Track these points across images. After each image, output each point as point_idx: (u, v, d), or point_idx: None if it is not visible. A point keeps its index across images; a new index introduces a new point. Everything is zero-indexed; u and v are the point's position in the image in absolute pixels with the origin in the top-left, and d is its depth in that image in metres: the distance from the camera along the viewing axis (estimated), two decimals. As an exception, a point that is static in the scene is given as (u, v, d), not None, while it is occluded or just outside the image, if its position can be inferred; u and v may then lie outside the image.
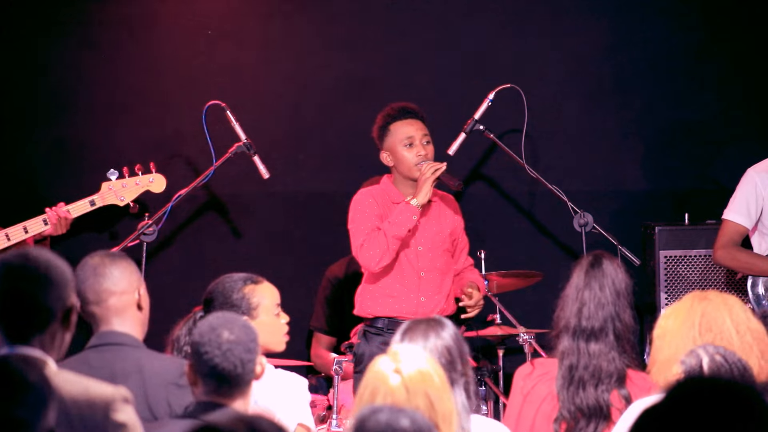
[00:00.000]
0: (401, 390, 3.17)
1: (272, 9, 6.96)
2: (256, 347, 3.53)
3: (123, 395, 3.02)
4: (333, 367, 5.83)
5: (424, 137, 5.73)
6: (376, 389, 3.18)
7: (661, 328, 3.80)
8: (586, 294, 4.28)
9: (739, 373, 3.35)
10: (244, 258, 6.91)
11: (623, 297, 4.30)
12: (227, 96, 6.50)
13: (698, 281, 6.57)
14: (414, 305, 5.69)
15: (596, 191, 6.98)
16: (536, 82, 6.82)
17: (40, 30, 6.82)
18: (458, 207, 5.95)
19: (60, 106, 6.85)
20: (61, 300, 3.08)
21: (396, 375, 3.19)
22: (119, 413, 3.00)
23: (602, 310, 4.26)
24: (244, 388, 3.52)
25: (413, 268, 5.71)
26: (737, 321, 3.73)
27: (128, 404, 3.02)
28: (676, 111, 7.07)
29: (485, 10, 7.02)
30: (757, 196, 6.02)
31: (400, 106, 5.80)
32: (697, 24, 7.07)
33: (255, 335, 3.55)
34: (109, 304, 4.01)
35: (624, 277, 4.33)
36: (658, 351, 3.78)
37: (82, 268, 4.07)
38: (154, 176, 6.26)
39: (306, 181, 6.95)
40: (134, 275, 4.09)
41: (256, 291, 4.46)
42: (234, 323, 3.55)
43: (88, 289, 4.02)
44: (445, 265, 5.77)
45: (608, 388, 4.22)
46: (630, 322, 4.30)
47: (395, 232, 5.59)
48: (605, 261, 4.34)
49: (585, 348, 4.24)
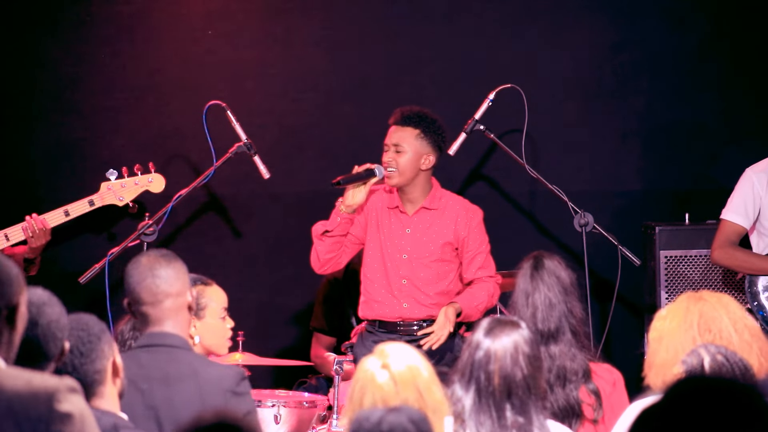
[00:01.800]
0: (390, 385, 3.24)
1: (272, 9, 6.95)
2: (94, 348, 3.49)
3: (69, 385, 2.98)
4: (333, 367, 5.83)
5: (394, 146, 5.69)
6: (364, 387, 3.26)
7: (657, 330, 3.79)
8: (536, 297, 4.31)
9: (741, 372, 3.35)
10: (244, 258, 6.92)
11: (570, 292, 4.33)
12: (227, 96, 6.50)
13: (699, 281, 6.56)
14: (397, 311, 5.70)
15: (596, 191, 6.98)
16: (536, 82, 6.82)
17: (40, 30, 6.82)
18: (475, 215, 5.80)
19: (60, 106, 6.85)
20: (5, 299, 3.02)
21: (384, 371, 3.26)
22: (63, 403, 2.95)
23: (554, 310, 4.29)
24: (93, 389, 3.51)
25: (396, 274, 5.71)
26: (734, 319, 3.73)
27: (75, 394, 2.97)
28: (676, 111, 7.06)
29: (485, 10, 7.02)
30: (754, 196, 6.02)
31: (397, 111, 5.80)
32: (697, 24, 7.06)
33: (94, 336, 3.50)
34: (165, 306, 3.99)
35: (567, 272, 4.36)
36: (654, 354, 3.77)
37: (136, 268, 4.05)
38: (153, 176, 6.26)
39: (306, 181, 6.95)
40: (187, 276, 4.08)
41: (205, 292, 4.47)
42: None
43: (144, 289, 4.00)
44: (432, 276, 5.71)
45: (576, 386, 4.24)
46: (582, 315, 4.33)
47: (316, 231, 5.67)
48: (546, 260, 4.36)
49: (545, 351, 4.26)
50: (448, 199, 5.79)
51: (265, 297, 6.90)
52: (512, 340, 3.58)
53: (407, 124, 5.73)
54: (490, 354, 3.58)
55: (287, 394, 6.10)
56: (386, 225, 5.73)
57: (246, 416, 3.89)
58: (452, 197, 5.82)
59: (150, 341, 3.99)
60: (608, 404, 4.27)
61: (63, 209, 6.10)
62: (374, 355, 3.33)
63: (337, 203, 5.68)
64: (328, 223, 5.66)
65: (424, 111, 5.76)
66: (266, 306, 6.91)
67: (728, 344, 3.60)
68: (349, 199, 5.62)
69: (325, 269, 5.77)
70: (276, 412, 5.69)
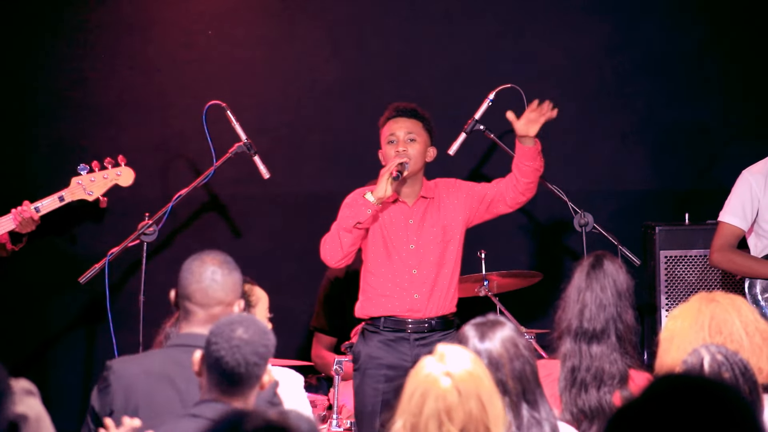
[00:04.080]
0: (453, 393, 3.10)
1: (272, 9, 6.95)
2: (267, 353, 3.47)
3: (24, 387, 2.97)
4: (333, 367, 5.83)
5: (407, 135, 5.72)
6: (426, 392, 3.11)
7: (669, 330, 3.79)
8: (587, 295, 4.27)
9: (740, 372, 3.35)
10: (245, 258, 6.88)
11: (625, 298, 4.29)
12: (227, 96, 6.49)
13: (698, 281, 6.56)
14: (408, 302, 5.68)
15: (596, 191, 6.98)
16: (536, 82, 6.81)
17: (40, 30, 6.82)
18: (455, 184, 5.85)
19: (60, 106, 6.85)
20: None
21: (446, 377, 3.12)
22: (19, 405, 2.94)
23: (604, 311, 4.25)
24: (245, 391, 3.46)
25: (405, 265, 5.70)
26: (746, 322, 3.72)
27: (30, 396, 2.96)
28: (676, 111, 7.06)
29: (486, 11, 7.02)
30: (752, 197, 6.01)
31: (395, 106, 5.82)
32: (697, 24, 7.06)
33: (270, 341, 3.49)
34: (214, 311, 3.96)
35: (625, 277, 4.32)
36: (665, 353, 3.76)
37: (199, 266, 4.02)
38: (121, 170, 6.17)
39: (306, 182, 6.95)
40: (241, 287, 4.06)
41: (254, 291, 4.47)
42: (252, 324, 3.49)
43: (199, 290, 3.97)
44: (440, 258, 5.73)
45: (611, 390, 4.21)
46: (632, 323, 4.29)
47: (344, 224, 5.61)
48: (606, 261, 4.33)
49: (587, 350, 4.23)
50: (434, 186, 5.82)
51: (265, 297, 6.90)
52: (507, 337, 3.55)
53: (410, 116, 5.76)
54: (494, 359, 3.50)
55: (287, 394, 6.09)
56: (387, 218, 5.73)
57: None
58: (435, 182, 5.85)
59: (190, 341, 3.92)
60: None
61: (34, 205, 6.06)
62: (434, 358, 3.16)
63: (364, 196, 5.64)
64: (357, 216, 5.61)
65: (417, 107, 5.81)
66: (266, 306, 6.90)
67: (739, 347, 3.60)
68: (381, 191, 5.61)
69: (343, 262, 5.73)
70: (276, 412, 5.67)
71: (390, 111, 5.81)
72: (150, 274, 6.24)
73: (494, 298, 6.32)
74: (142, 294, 6.13)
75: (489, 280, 6.36)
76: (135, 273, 6.62)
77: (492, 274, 6.37)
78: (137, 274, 6.41)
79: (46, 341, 6.81)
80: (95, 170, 6.15)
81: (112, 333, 6.06)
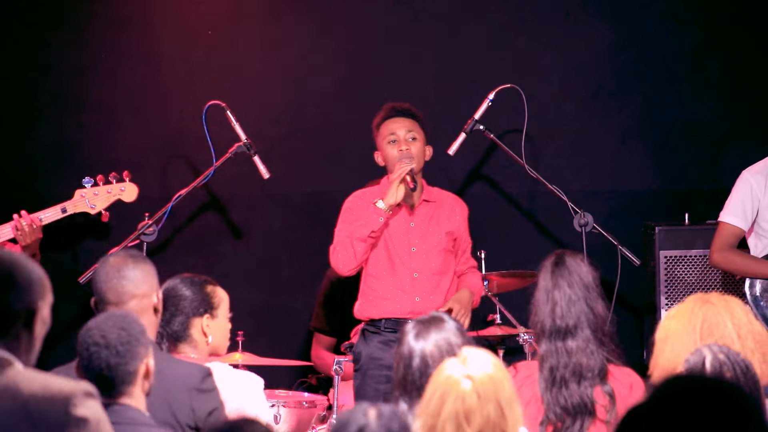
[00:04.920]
0: (473, 396, 3.10)
1: (272, 9, 6.95)
2: (129, 348, 3.49)
3: (85, 389, 2.99)
4: (333, 368, 5.83)
5: (408, 133, 5.73)
6: (446, 393, 3.11)
7: (664, 330, 3.80)
8: (556, 294, 4.31)
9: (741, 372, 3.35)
10: (244, 258, 6.91)
11: (592, 289, 4.34)
12: (227, 96, 6.49)
13: (698, 281, 6.56)
14: (409, 305, 5.69)
15: (596, 191, 6.98)
16: (536, 82, 6.82)
17: (40, 30, 6.82)
18: (464, 208, 5.92)
19: (60, 106, 6.85)
20: (23, 302, 3.03)
21: (467, 380, 3.12)
22: (80, 408, 2.95)
23: (574, 306, 4.29)
24: (124, 388, 3.51)
25: (406, 268, 5.71)
26: (739, 325, 3.72)
27: (91, 399, 2.98)
28: (676, 111, 7.06)
29: (485, 10, 7.02)
30: (752, 197, 6.01)
31: (391, 105, 5.83)
32: (697, 24, 7.06)
33: (132, 335, 3.50)
34: (129, 307, 3.99)
35: (588, 269, 4.37)
36: (660, 354, 3.77)
37: (103, 267, 4.06)
38: (125, 185, 6.21)
39: (306, 181, 6.95)
40: (155, 278, 4.08)
41: (216, 292, 4.47)
42: (110, 322, 3.52)
43: (109, 289, 4.00)
44: (441, 266, 5.75)
45: (591, 384, 4.24)
46: (603, 313, 4.33)
47: (357, 234, 5.60)
48: (568, 258, 4.38)
49: (563, 346, 4.27)
50: (438, 192, 5.83)
51: (265, 297, 6.90)
52: (442, 336, 3.56)
53: (407, 116, 5.78)
54: (425, 357, 3.53)
55: (287, 394, 6.10)
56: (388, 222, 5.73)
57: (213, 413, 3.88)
58: (440, 190, 5.88)
59: None
60: (623, 407, 4.25)
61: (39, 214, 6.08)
62: (457, 360, 3.17)
63: (374, 204, 5.62)
64: (370, 225, 5.60)
65: (411, 106, 5.82)
66: (266, 306, 6.91)
67: (730, 350, 3.60)
68: (392, 199, 5.61)
69: (355, 270, 5.73)
70: (276, 412, 5.69)
71: (386, 111, 5.81)
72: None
73: (494, 298, 6.31)
74: (142, 294, 6.12)
75: (489, 280, 6.36)
76: (135, 273, 6.61)
77: (492, 274, 6.37)
78: (137, 274, 6.40)
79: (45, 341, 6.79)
80: (99, 184, 6.17)
81: (112, 333, 6.05)
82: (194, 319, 4.34)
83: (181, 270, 6.78)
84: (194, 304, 4.35)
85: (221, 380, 4.15)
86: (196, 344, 4.34)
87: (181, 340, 4.33)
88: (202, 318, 4.35)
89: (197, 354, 4.33)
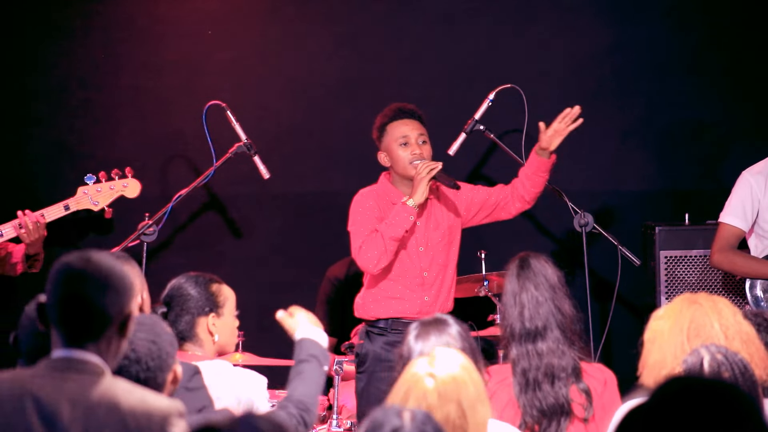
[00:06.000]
0: (433, 394, 3.13)
1: (272, 9, 6.96)
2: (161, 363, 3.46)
3: (179, 410, 3.04)
4: (333, 368, 5.83)
5: (420, 137, 5.73)
6: (409, 390, 3.15)
7: (652, 331, 3.80)
8: (523, 297, 4.33)
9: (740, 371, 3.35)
10: (244, 258, 6.91)
11: (558, 290, 4.35)
12: (227, 96, 6.50)
13: (698, 281, 6.56)
14: (418, 305, 5.69)
15: (596, 191, 6.98)
16: (536, 82, 6.82)
17: (40, 30, 6.82)
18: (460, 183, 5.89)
19: (60, 106, 6.85)
20: (119, 306, 3.06)
21: (430, 379, 3.15)
22: (175, 428, 3.01)
23: (541, 308, 4.31)
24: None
25: (416, 268, 5.70)
26: (726, 325, 3.72)
27: (182, 419, 3.03)
28: (676, 111, 7.06)
29: (485, 10, 7.02)
30: (753, 198, 6.01)
31: (398, 107, 5.81)
32: (697, 24, 7.07)
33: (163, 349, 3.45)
34: None
35: (553, 270, 4.38)
36: (648, 354, 3.78)
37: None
38: (128, 181, 6.21)
39: (306, 181, 6.95)
40: (137, 278, 4.07)
41: (222, 290, 4.47)
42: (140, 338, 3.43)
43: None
44: (446, 259, 5.77)
45: (566, 383, 4.25)
46: (571, 312, 4.34)
47: (392, 234, 5.57)
48: (532, 260, 4.40)
49: (533, 349, 4.29)
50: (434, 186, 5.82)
51: (265, 297, 6.89)
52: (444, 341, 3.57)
53: (416, 118, 5.79)
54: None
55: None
56: None
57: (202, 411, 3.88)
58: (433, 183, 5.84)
59: None
60: (599, 403, 4.28)
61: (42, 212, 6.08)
62: (426, 359, 3.22)
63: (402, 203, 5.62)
64: (403, 223, 5.59)
65: (416, 107, 5.83)
66: (266, 306, 6.88)
67: (717, 350, 3.60)
68: (421, 197, 5.61)
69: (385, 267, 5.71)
70: (276, 412, 5.68)
71: (394, 112, 5.79)
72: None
73: (494, 298, 6.32)
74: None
75: (489, 280, 6.37)
76: (135, 273, 6.62)
77: (492, 274, 6.37)
78: (137, 274, 6.41)
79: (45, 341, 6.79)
80: (102, 180, 6.17)
81: (112, 333, 6.06)
82: (200, 318, 4.34)
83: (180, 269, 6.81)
84: (199, 303, 4.36)
85: (224, 379, 4.15)
86: (202, 343, 4.34)
87: (187, 340, 4.33)
88: (208, 317, 4.36)
89: (203, 353, 4.33)
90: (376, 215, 5.67)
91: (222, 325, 4.41)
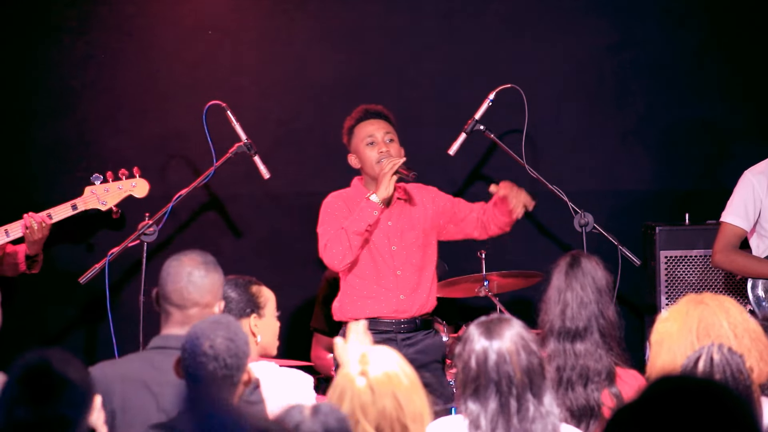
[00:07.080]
0: (367, 391, 3.23)
1: (272, 8, 6.96)
2: (236, 362, 3.47)
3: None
4: (333, 368, 5.83)
5: (386, 135, 5.77)
6: (343, 392, 3.25)
7: (659, 333, 3.79)
8: (568, 295, 4.30)
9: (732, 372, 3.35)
10: (245, 258, 6.91)
11: (605, 294, 4.32)
12: (227, 96, 6.49)
13: (699, 282, 6.56)
14: (394, 303, 5.70)
15: (596, 191, 6.98)
16: (536, 82, 6.82)
17: (40, 30, 6.82)
18: (431, 190, 5.91)
19: (59, 106, 6.85)
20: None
21: (362, 377, 3.25)
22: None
23: (585, 309, 4.27)
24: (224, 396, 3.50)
25: (389, 267, 5.72)
26: (734, 324, 3.72)
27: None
28: (676, 111, 7.06)
29: (485, 10, 7.02)
30: (754, 198, 6.01)
31: (364, 108, 5.87)
32: (698, 24, 7.06)
33: (240, 348, 3.49)
34: (191, 313, 3.99)
35: (603, 273, 4.35)
36: (656, 356, 3.76)
37: (176, 266, 4.03)
38: (136, 181, 6.21)
39: (306, 181, 6.95)
40: (221, 288, 4.06)
41: (262, 291, 4.49)
42: (221, 332, 3.49)
43: (175, 291, 3.99)
44: (421, 261, 5.77)
45: (598, 387, 4.23)
46: (614, 319, 4.31)
47: (355, 228, 5.60)
48: (583, 260, 4.35)
49: (571, 348, 4.26)
50: (404, 188, 5.84)
51: (265, 297, 6.90)
52: (515, 332, 3.54)
53: (382, 117, 5.82)
54: (503, 353, 3.48)
55: (287, 394, 6.09)
56: None
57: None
58: (407, 186, 5.85)
59: (164, 343, 3.96)
60: None
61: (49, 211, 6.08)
62: (357, 359, 3.31)
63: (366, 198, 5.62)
64: (366, 218, 5.60)
65: (384, 108, 5.85)
66: (266, 306, 6.90)
67: (728, 349, 3.59)
68: (385, 192, 5.62)
69: (349, 265, 5.71)
70: (276, 411, 5.68)
71: (360, 114, 5.85)
72: (150, 274, 6.23)
73: (494, 298, 6.32)
74: (142, 294, 6.13)
75: (489, 280, 6.37)
76: (135, 273, 6.63)
77: (492, 274, 6.37)
78: (137, 274, 6.41)
79: (46, 341, 6.80)
80: (109, 180, 6.17)
81: (112, 333, 6.06)
82: (242, 319, 4.34)
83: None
84: (240, 305, 4.36)
85: (270, 380, 4.13)
86: None
87: None
88: (250, 318, 4.36)
89: None
90: (345, 215, 5.70)
91: (264, 325, 4.42)
